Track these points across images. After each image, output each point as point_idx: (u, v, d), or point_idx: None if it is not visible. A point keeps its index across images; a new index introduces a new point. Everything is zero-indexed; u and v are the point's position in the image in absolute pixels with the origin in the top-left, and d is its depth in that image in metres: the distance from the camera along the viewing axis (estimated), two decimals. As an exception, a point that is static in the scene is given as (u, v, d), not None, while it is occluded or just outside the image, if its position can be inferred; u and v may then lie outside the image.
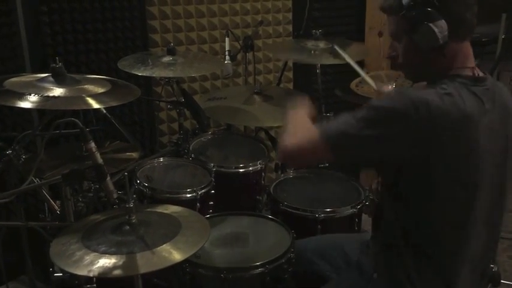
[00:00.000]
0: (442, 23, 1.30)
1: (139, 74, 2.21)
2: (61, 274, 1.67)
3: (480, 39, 4.21)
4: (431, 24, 1.30)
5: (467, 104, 1.30)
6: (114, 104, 1.67)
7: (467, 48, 1.39)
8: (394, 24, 1.41)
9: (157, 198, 2.00)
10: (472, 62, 1.39)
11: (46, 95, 1.57)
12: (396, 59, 1.45)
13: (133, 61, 2.29)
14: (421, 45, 1.34)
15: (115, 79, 1.90)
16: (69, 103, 1.59)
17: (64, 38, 2.54)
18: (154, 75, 2.28)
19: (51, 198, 1.86)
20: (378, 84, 1.94)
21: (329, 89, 3.11)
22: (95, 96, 1.66)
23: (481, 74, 1.39)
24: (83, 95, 1.63)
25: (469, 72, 1.37)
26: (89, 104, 1.61)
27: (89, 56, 2.63)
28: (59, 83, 1.67)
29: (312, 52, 2.61)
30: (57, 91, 1.62)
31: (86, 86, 1.72)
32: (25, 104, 1.52)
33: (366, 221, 2.22)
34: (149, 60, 2.28)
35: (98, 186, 1.90)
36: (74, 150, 1.93)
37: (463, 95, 1.31)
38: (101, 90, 1.72)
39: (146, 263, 1.35)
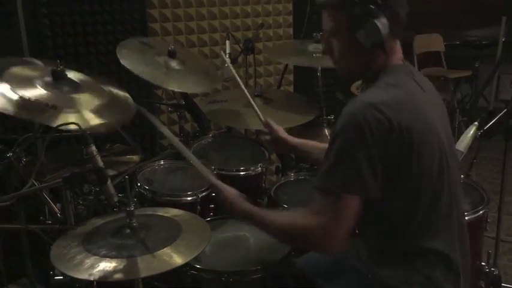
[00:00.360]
0: (384, 20, 1.32)
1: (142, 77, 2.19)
2: (61, 277, 1.67)
3: (480, 42, 4.24)
4: (376, 21, 1.31)
5: (412, 89, 1.36)
6: (105, 121, 1.64)
7: (397, 44, 1.43)
8: (332, 20, 1.39)
9: (158, 201, 1.99)
10: (401, 55, 1.44)
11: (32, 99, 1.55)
12: (332, 55, 1.45)
13: (133, 50, 2.24)
14: (364, 42, 1.34)
15: (116, 90, 1.87)
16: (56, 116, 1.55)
17: (64, 40, 2.54)
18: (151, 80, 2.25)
19: (52, 201, 1.86)
20: (265, 117, 1.96)
21: (330, 92, 3.11)
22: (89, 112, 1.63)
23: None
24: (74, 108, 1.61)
25: (400, 62, 1.43)
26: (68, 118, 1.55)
27: (89, 58, 2.64)
28: (57, 85, 1.66)
29: (314, 55, 2.61)
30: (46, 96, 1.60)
31: (82, 95, 1.69)
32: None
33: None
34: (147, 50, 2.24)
35: (98, 189, 1.89)
36: (75, 153, 1.93)
37: (405, 81, 1.37)
38: (96, 102, 1.69)
39: (147, 266, 1.35)
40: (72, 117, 1.55)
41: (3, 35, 2.34)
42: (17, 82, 1.60)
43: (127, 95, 1.89)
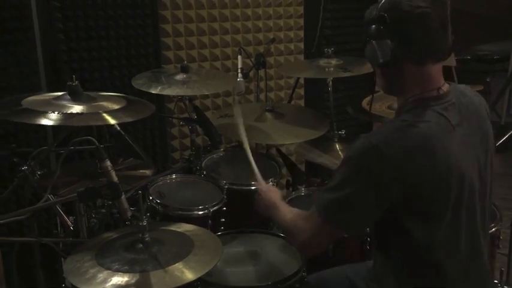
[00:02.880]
0: (387, 42, 1.30)
1: (156, 93, 2.23)
2: (73, 290, 1.67)
3: (492, 56, 4.22)
4: (374, 42, 1.31)
5: (432, 127, 1.29)
6: (131, 119, 1.71)
7: (431, 71, 1.35)
8: None
9: (170, 215, 2.00)
10: (438, 83, 1.36)
11: (65, 112, 1.61)
12: None
13: (147, 79, 2.31)
14: (368, 60, 1.38)
15: (129, 96, 1.93)
16: (88, 119, 1.63)
17: (79, 55, 2.58)
18: (173, 94, 2.30)
19: (64, 214, 1.87)
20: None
21: (340, 106, 3.11)
22: (112, 113, 1.69)
23: (445, 89, 1.37)
24: (100, 111, 1.68)
25: (433, 93, 1.35)
26: (106, 120, 1.65)
27: (102, 73, 2.67)
28: (76, 100, 1.70)
29: (326, 69, 2.62)
30: (76, 108, 1.65)
31: (102, 103, 1.75)
32: (46, 122, 1.55)
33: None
34: (163, 78, 2.30)
35: (111, 202, 1.91)
36: (88, 167, 1.95)
37: (427, 118, 1.30)
38: (116, 106, 1.75)
39: (159, 281, 1.36)
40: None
41: (19, 50, 2.38)
42: (43, 106, 1.66)
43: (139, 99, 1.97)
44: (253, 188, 2.25)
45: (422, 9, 1.28)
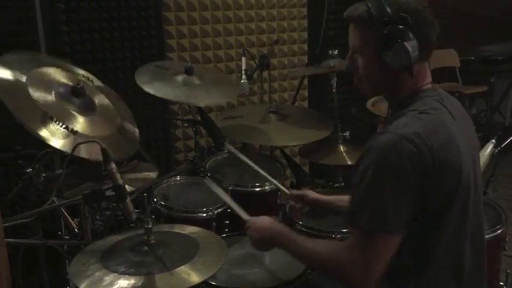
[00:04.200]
0: (415, 42, 1.28)
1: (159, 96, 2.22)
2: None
3: (496, 57, 4.21)
4: (406, 43, 1.27)
5: (443, 117, 1.32)
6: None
7: (426, 66, 1.39)
8: (360, 37, 1.35)
9: (174, 217, 2.00)
10: (430, 77, 1.39)
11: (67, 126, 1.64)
12: (356, 72, 1.40)
13: (151, 76, 2.28)
14: (391, 64, 1.29)
15: (126, 123, 1.90)
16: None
17: (83, 57, 2.59)
18: (174, 99, 2.29)
19: (69, 216, 1.87)
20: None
21: (344, 107, 3.11)
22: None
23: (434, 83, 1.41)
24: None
25: (429, 86, 1.38)
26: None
27: (106, 75, 2.67)
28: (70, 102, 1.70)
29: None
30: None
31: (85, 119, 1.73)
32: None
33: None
34: (164, 73, 2.28)
35: (115, 204, 1.91)
36: (92, 169, 1.94)
37: (434, 106, 1.32)
38: (98, 130, 1.72)
39: (165, 284, 1.36)
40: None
41: (22, 41, 2.38)
42: (37, 84, 1.66)
43: (136, 130, 1.93)
44: (257, 189, 2.26)
45: (426, 8, 1.33)
